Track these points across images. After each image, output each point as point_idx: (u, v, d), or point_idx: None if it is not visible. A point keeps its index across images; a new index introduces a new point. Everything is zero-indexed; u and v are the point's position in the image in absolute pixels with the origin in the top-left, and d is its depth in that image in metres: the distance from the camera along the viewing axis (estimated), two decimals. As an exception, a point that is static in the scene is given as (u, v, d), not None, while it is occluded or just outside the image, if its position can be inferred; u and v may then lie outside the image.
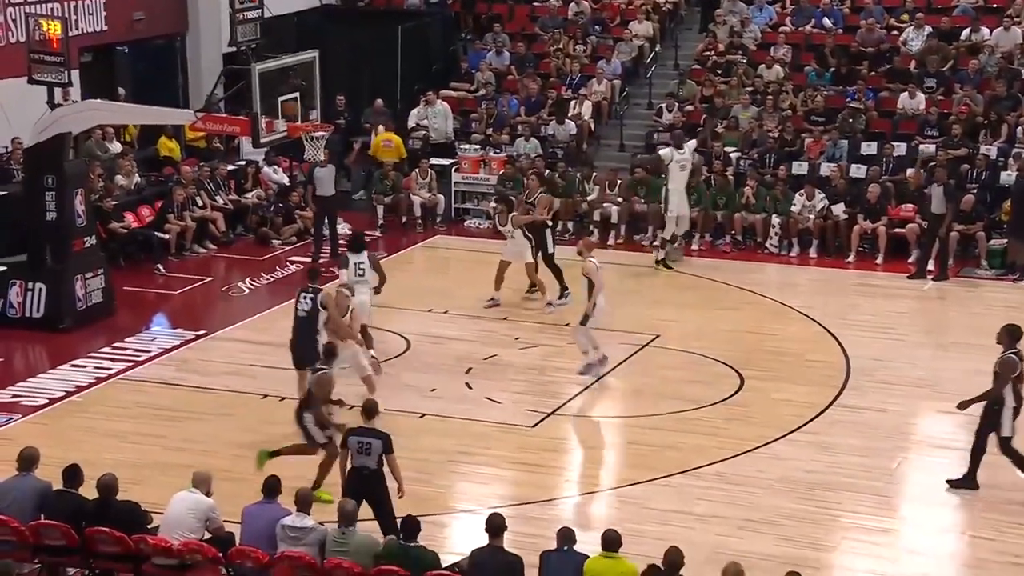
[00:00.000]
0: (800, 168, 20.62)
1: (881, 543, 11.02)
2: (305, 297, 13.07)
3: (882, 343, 15.77)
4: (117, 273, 17.33)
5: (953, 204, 18.19)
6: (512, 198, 17.87)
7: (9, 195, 17.87)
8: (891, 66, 22.30)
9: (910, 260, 18.92)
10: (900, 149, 20.53)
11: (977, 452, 11.74)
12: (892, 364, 15.02)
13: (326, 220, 19.37)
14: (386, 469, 10.40)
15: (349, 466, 10.47)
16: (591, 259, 14.41)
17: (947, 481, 11.90)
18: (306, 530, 9.42)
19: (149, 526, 9.87)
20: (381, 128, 22.03)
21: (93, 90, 19.65)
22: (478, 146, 22.09)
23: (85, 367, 14.89)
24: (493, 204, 17.68)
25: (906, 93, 21.37)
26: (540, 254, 16.82)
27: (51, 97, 16.14)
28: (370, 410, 10.65)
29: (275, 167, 21.36)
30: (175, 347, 15.50)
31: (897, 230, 19.16)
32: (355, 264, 14.43)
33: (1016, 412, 11.56)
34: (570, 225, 20.55)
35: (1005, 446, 11.61)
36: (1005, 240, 18.60)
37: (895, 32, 22.91)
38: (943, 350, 15.56)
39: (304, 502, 9.57)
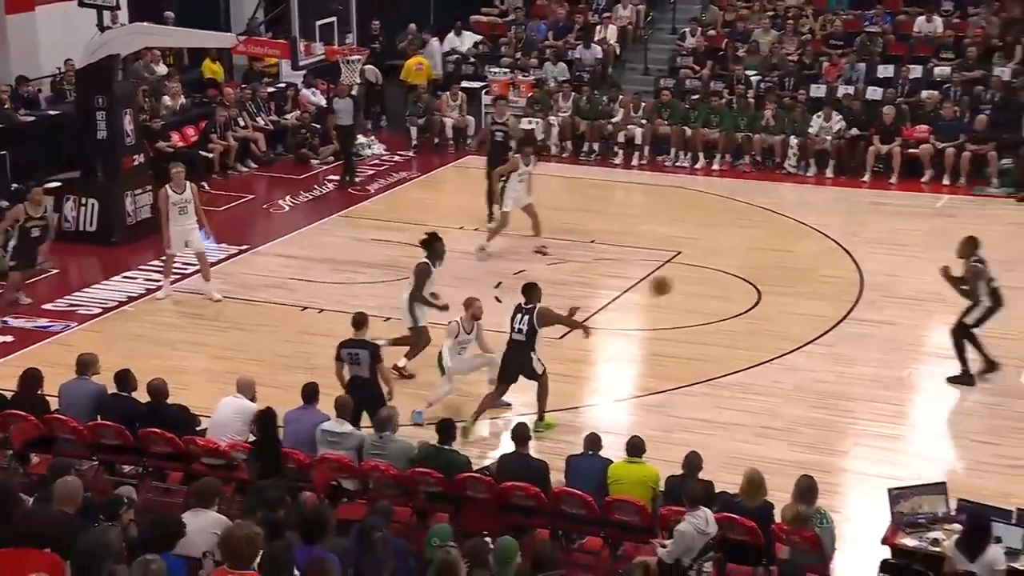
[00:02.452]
0: (818, 91, 20.32)
1: (890, 448, 11.00)
2: None
3: (894, 259, 15.62)
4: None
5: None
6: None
7: (63, 114, 17.89)
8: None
9: (923, 180, 18.72)
10: (916, 72, 20.18)
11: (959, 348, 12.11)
12: (903, 279, 14.89)
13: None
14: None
15: (347, 376, 10.46)
16: None
17: (947, 378, 12.10)
18: (344, 435, 9.46)
19: (197, 428, 9.95)
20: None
21: (140, 14, 19.46)
22: (507, 69, 21.82)
23: (135, 279, 14.96)
24: (520, 148, 16.74)
25: (923, 17, 20.95)
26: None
27: (100, 20, 16.02)
28: (358, 321, 10.64)
29: (313, 89, 21.17)
30: (219, 261, 15.51)
31: (911, 151, 18.90)
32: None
33: (991, 311, 11.95)
34: (596, 146, 20.38)
35: (960, 330, 12.00)
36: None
37: (914, -44, 22.43)
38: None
39: (343, 409, 9.60)
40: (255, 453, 9.18)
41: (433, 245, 12.09)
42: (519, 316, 11.02)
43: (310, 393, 9.80)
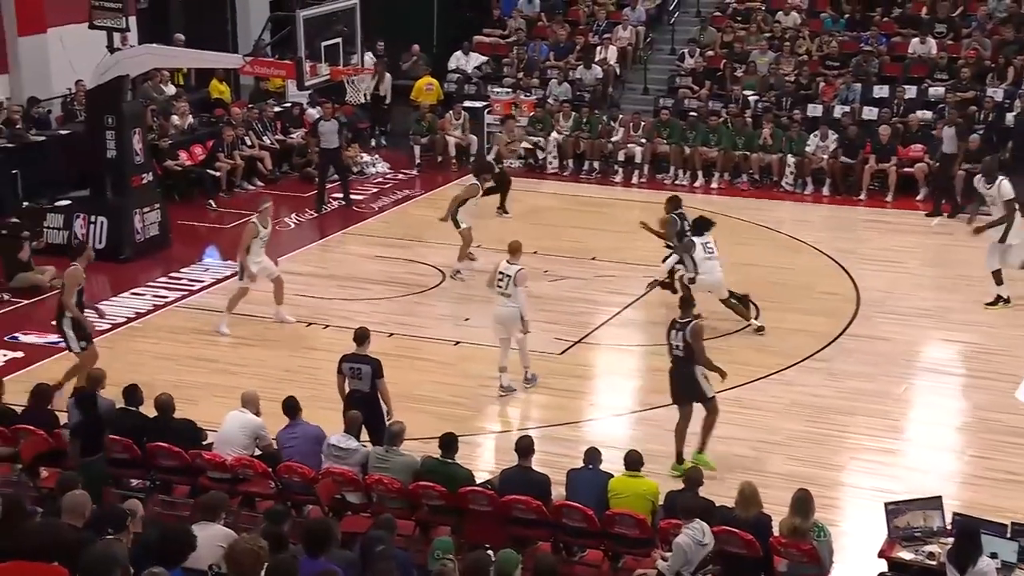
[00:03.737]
0: (815, 110, 20.37)
1: (886, 463, 10.99)
2: None
3: (890, 276, 15.63)
4: (172, 208, 17.36)
5: (964, 144, 17.98)
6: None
7: (73, 134, 17.95)
8: (903, 12, 21.98)
9: (918, 198, 18.75)
10: (910, 92, 20.23)
11: None
12: (899, 296, 14.91)
13: (331, 171, 18.70)
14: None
15: (347, 390, 10.46)
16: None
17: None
18: (350, 451, 9.46)
19: (204, 442, 9.96)
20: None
21: (149, 36, 19.56)
22: (509, 89, 21.88)
23: (144, 295, 14.99)
24: (478, 174, 16.28)
25: (917, 38, 21.02)
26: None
27: (110, 42, 16.07)
28: (360, 336, 10.63)
29: (318, 108, 21.15)
30: (226, 278, 15.53)
31: (906, 169, 18.94)
32: None
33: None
34: (596, 164, 20.43)
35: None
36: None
37: (909, -21, 22.52)
38: (946, 282, 15.42)
39: (352, 424, 9.59)
40: (75, 432, 9.41)
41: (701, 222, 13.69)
42: (675, 332, 10.74)
43: (291, 408, 9.77)
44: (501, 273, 12.13)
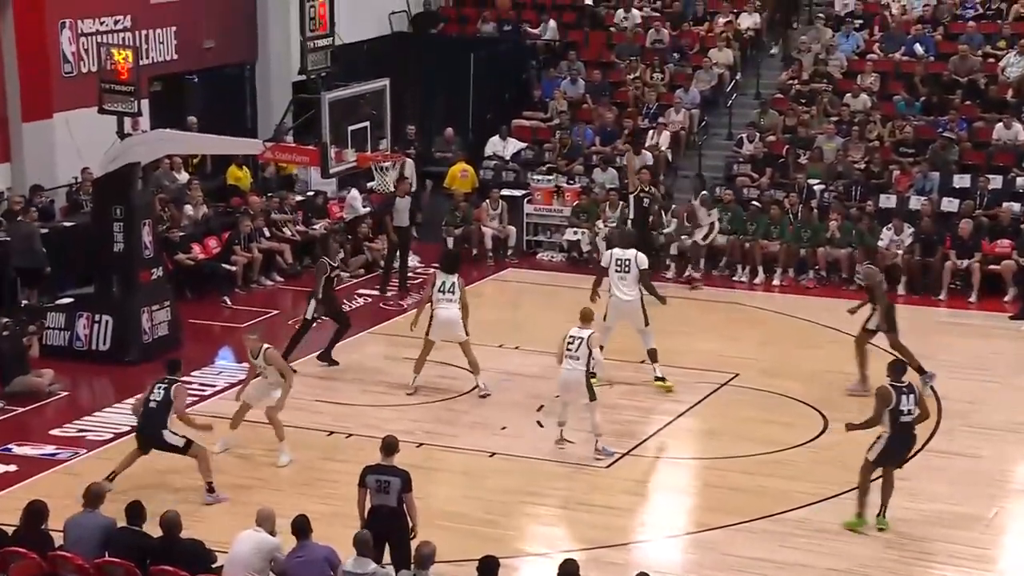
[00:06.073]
0: (888, 201, 20.45)
1: (975, 597, 10.84)
2: (159, 388, 12.58)
3: (976, 385, 15.54)
4: (183, 305, 17.59)
5: None
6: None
7: (78, 226, 18.29)
8: (986, 95, 22.07)
9: (1006, 299, 18.67)
10: (996, 182, 20.29)
11: None
12: (987, 407, 14.80)
13: (398, 252, 19.41)
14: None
15: (368, 505, 10.47)
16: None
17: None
18: (367, 575, 9.42)
19: (213, 565, 9.97)
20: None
21: (162, 120, 20.02)
22: (551, 176, 22.15)
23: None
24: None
25: (1002, 123, 21.12)
26: None
27: (121, 127, 16.47)
28: (389, 447, 10.67)
29: (364, 195, 21.32)
30: (241, 381, 15.66)
31: (992, 267, 18.91)
32: (442, 282, 14.95)
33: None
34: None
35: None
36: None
37: (991, 60, 22.65)
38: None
39: (364, 545, 9.55)
40: None
41: None
42: (904, 397, 11.85)
43: (302, 528, 9.73)
44: (572, 336, 13.31)
